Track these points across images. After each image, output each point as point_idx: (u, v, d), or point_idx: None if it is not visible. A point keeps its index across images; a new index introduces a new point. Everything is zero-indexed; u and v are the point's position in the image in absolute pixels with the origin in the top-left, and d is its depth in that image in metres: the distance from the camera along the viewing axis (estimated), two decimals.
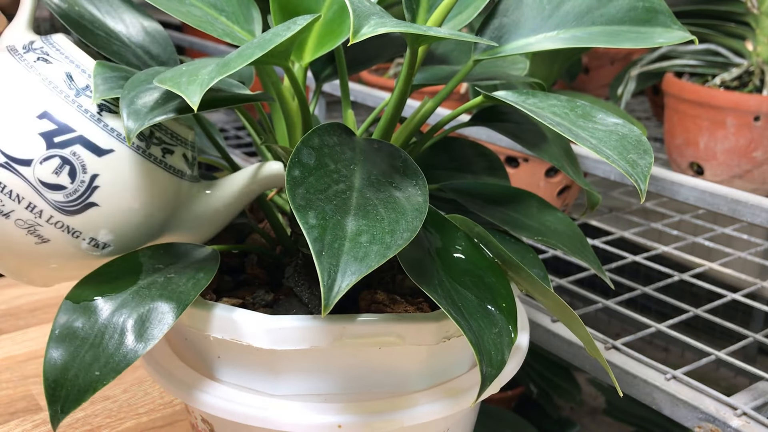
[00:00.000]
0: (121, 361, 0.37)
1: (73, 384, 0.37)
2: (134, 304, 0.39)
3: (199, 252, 0.44)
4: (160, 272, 0.41)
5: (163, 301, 0.39)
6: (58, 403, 0.37)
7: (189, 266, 0.42)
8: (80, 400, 0.36)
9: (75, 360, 0.37)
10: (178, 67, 0.38)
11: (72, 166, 0.40)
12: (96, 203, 0.41)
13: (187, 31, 1.32)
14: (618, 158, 0.37)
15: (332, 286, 0.32)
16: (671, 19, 0.43)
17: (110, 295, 0.39)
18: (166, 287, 0.40)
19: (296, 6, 0.44)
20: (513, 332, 0.38)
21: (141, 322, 0.38)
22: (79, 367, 0.37)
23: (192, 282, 0.40)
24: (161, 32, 0.50)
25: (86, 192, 0.40)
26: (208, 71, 0.34)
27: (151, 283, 0.40)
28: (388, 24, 0.33)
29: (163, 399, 0.61)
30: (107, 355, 0.37)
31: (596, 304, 0.69)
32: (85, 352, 0.37)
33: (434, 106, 0.46)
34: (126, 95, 0.38)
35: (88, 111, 0.40)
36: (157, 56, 0.49)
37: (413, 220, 0.35)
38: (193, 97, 0.33)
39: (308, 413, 0.41)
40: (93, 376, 0.37)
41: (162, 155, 0.43)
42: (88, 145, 0.40)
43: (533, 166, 0.80)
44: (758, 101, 0.68)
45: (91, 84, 0.41)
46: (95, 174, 0.40)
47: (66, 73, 0.41)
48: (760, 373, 0.59)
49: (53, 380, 0.37)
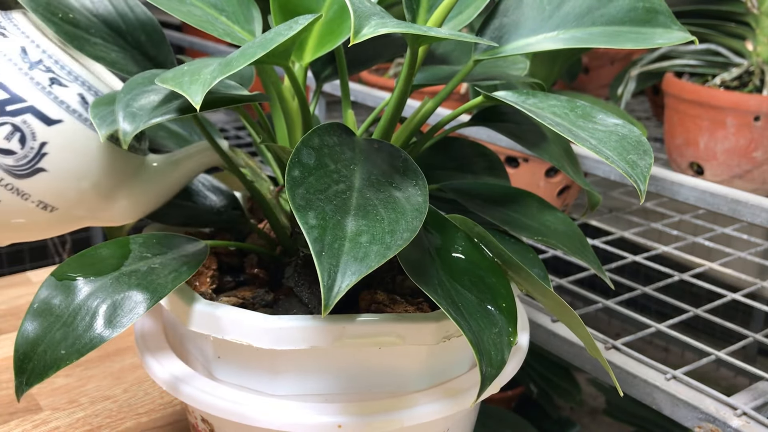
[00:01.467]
0: (86, 344, 0.38)
1: (41, 359, 0.38)
2: (111, 290, 0.40)
3: (191, 246, 0.44)
4: (145, 261, 0.42)
5: (139, 291, 0.40)
6: (24, 375, 0.38)
7: (176, 259, 0.42)
8: (44, 375, 0.38)
9: (46, 336, 0.38)
10: (179, 67, 0.38)
11: (22, 133, 0.42)
12: (44, 168, 0.43)
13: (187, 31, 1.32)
14: (618, 159, 0.37)
15: (332, 286, 0.32)
16: (671, 20, 0.43)
17: (91, 277, 0.40)
18: (145, 277, 0.40)
19: (296, 6, 0.44)
20: (513, 332, 0.38)
21: (113, 309, 0.39)
22: (48, 343, 0.38)
23: (173, 275, 0.41)
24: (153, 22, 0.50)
25: (35, 158, 0.43)
26: (210, 71, 0.34)
27: (133, 271, 0.41)
28: (388, 24, 0.33)
29: (163, 399, 0.61)
30: (75, 335, 0.38)
31: (596, 304, 0.69)
32: (56, 330, 0.38)
33: (434, 106, 0.46)
34: (122, 98, 0.38)
35: (40, 83, 0.43)
36: (155, 57, 0.49)
37: (413, 220, 0.35)
38: (196, 97, 0.33)
39: (308, 413, 0.41)
40: (59, 354, 0.38)
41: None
42: (39, 114, 0.43)
43: (533, 166, 0.80)
44: (758, 101, 0.68)
45: (44, 58, 0.44)
46: (44, 141, 0.43)
47: (21, 47, 0.44)
48: (760, 373, 0.59)
49: (23, 352, 0.38)
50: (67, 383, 0.63)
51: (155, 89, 0.39)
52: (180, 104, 0.38)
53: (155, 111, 0.38)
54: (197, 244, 0.44)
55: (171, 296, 0.44)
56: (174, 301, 0.44)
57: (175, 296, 0.43)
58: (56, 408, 0.60)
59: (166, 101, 0.38)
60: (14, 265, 1.66)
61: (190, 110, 0.38)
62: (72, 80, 0.45)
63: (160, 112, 0.38)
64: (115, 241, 0.43)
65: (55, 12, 0.45)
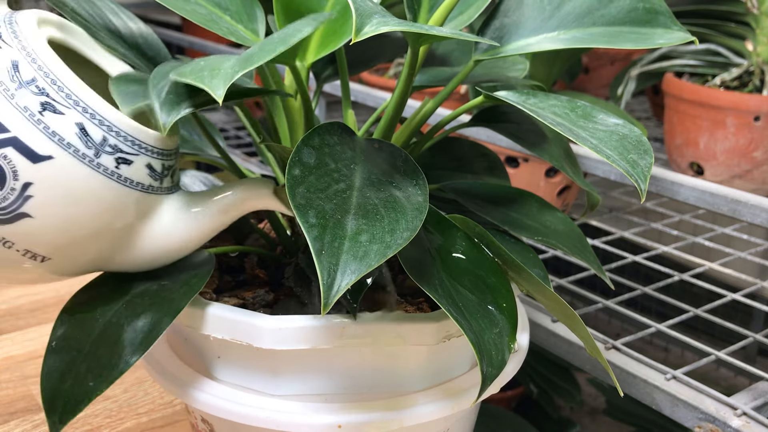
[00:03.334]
0: (113, 371, 0.37)
1: (69, 394, 0.37)
2: (126, 315, 0.39)
3: (195, 256, 0.44)
4: (154, 279, 0.41)
5: (155, 311, 0.39)
6: (56, 414, 0.37)
7: (183, 271, 0.42)
8: (76, 410, 0.36)
9: (71, 371, 0.37)
10: (195, 62, 0.37)
11: (1, 171, 0.35)
12: (29, 214, 0.36)
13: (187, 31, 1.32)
14: (618, 158, 0.37)
15: (332, 285, 0.32)
16: (671, 20, 0.43)
17: (104, 307, 0.40)
18: (158, 295, 0.40)
19: (299, 6, 0.44)
20: (512, 337, 0.38)
21: (133, 333, 0.38)
22: (74, 377, 0.37)
23: (184, 288, 0.40)
24: (151, 35, 0.49)
25: (17, 201, 0.35)
26: (231, 65, 0.34)
27: (143, 291, 0.40)
28: (390, 23, 0.33)
29: (163, 399, 0.61)
30: (101, 365, 0.37)
31: (596, 304, 0.69)
32: (80, 363, 0.37)
33: (435, 106, 0.46)
34: (156, 85, 0.37)
35: (28, 109, 0.35)
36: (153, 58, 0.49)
37: (413, 219, 0.35)
38: (218, 90, 0.33)
39: (308, 413, 0.41)
40: (87, 387, 0.37)
41: (115, 165, 0.37)
42: (23, 148, 0.35)
43: (533, 166, 0.80)
44: (758, 101, 0.68)
45: (38, 77, 0.36)
46: (28, 182, 0.35)
47: (12, 62, 0.36)
48: (760, 373, 0.59)
49: (50, 390, 0.37)
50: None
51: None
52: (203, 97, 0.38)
53: (186, 101, 0.37)
54: (200, 253, 0.44)
55: None
56: None
57: None
58: None
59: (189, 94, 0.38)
60: None
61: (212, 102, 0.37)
62: (71, 106, 0.36)
63: (190, 102, 0.37)
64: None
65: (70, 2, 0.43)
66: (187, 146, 0.53)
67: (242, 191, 0.42)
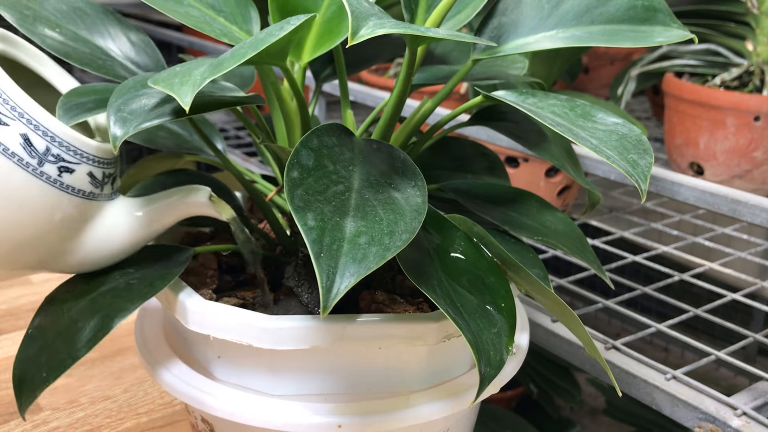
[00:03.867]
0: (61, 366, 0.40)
1: (31, 382, 0.40)
2: (87, 311, 0.41)
3: (177, 255, 0.45)
4: (126, 276, 0.43)
5: (110, 309, 0.40)
6: (21, 398, 0.41)
7: (156, 271, 0.43)
8: (32, 397, 0.40)
9: (35, 360, 0.41)
10: (172, 68, 0.38)
11: None
12: None
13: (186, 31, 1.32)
14: (618, 158, 0.37)
15: (331, 287, 0.32)
16: (670, 18, 0.43)
17: (73, 301, 0.42)
18: (119, 295, 0.41)
19: (294, 6, 0.44)
20: (510, 339, 0.38)
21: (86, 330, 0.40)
22: (36, 367, 0.41)
23: (147, 289, 0.41)
24: (149, 43, 0.50)
25: None
26: (201, 71, 0.34)
27: (110, 289, 0.42)
28: (386, 25, 0.33)
29: (163, 399, 0.61)
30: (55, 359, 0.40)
31: (596, 304, 0.69)
32: (43, 354, 0.41)
33: (434, 105, 0.46)
34: (113, 102, 0.38)
35: None
36: (146, 66, 0.49)
37: (412, 221, 0.35)
38: (185, 98, 0.33)
39: (308, 413, 0.41)
40: (41, 377, 0.40)
41: (58, 174, 0.39)
42: None
43: (533, 166, 0.80)
44: (758, 101, 0.68)
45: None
46: None
47: None
48: (760, 373, 0.59)
49: (18, 376, 0.41)
50: (67, 383, 0.63)
51: (147, 93, 0.39)
52: (175, 107, 0.38)
53: (147, 115, 0.37)
54: (184, 253, 0.45)
55: (171, 296, 0.44)
56: (174, 301, 0.44)
57: (175, 296, 0.43)
58: (56, 408, 0.60)
59: (160, 104, 0.38)
60: None
61: (184, 113, 0.38)
62: (15, 117, 0.37)
63: (152, 115, 0.37)
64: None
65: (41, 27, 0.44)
66: (187, 146, 0.53)
67: (179, 198, 0.44)
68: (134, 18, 1.50)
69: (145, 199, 0.44)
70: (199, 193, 0.44)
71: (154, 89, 0.39)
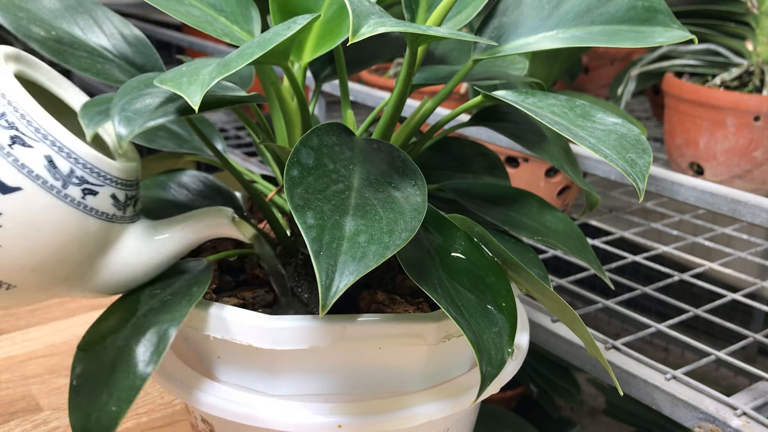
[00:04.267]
0: (132, 390, 0.38)
1: (98, 425, 0.38)
2: (134, 334, 0.39)
3: (195, 265, 0.44)
4: (156, 297, 0.42)
5: (160, 323, 0.39)
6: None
7: (184, 283, 0.42)
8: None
9: (95, 403, 0.38)
10: (178, 67, 0.38)
11: None
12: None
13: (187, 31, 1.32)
14: (617, 157, 0.37)
15: (330, 286, 0.32)
16: (671, 19, 0.43)
17: (113, 335, 0.40)
18: (161, 310, 0.40)
19: (295, 6, 0.44)
20: (510, 340, 0.38)
21: (143, 348, 0.39)
22: (99, 408, 0.38)
23: (187, 298, 0.41)
24: (143, 41, 0.49)
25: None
26: (209, 71, 0.34)
27: (148, 310, 0.41)
28: (387, 23, 0.33)
29: (163, 399, 0.61)
30: (119, 389, 0.38)
31: (596, 304, 0.69)
32: (101, 393, 0.38)
33: (434, 105, 0.46)
34: (117, 102, 0.38)
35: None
36: (142, 66, 0.49)
37: (412, 220, 0.35)
38: (194, 97, 0.33)
39: (308, 413, 0.41)
40: (111, 412, 0.37)
41: (82, 196, 0.39)
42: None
43: (533, 166, 0.80)
44: (758, 101, 0.68)
45: (7, 111, 0.38)
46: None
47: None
48: (760, 373, 0.59)
49: (80, 427, 0.38)
50: (68, 383, 0.63)
51: (151, 93, 0.39)
52: (179, 106, 0.38)
53: (152, 114, 0.37)
54: (199, 263, 0.44)
55: None
56: None
57: None
58: (56, 408, 0.60)
59: (164, 103, 0.38)
60: None
61: (189, 111, 0.38)
62: (39, 139, 0.38)
63: (156, 114, 0.37)
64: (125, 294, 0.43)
65: (37, 30, 0.44)
66: (187, 146, 0.53)
67: (201, 221, 0.44)
68: (134, 18, 1.50)
69: (166, 221, 0.44)
70: (222, 214, 0.44)
71: (157, 89, 0.39)
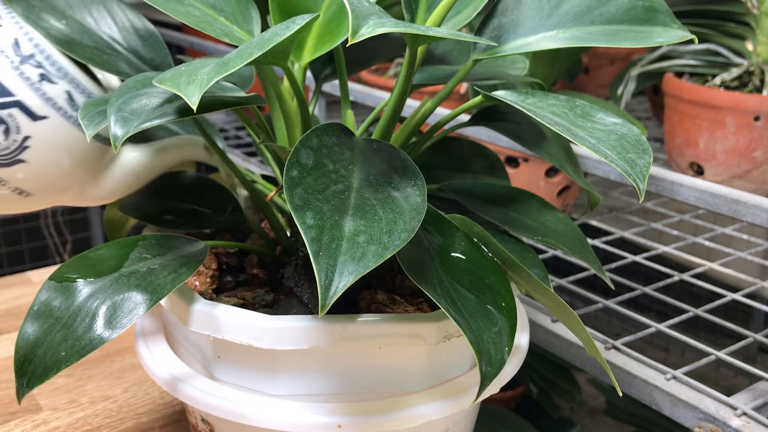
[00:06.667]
0: (86, 345, 0.38)
1: (41, 361, 0.38)
2: (110, 291, 0.40)
3: (191, 246, 0.44)
4: (144, 262, 0.42)
5: (138, 292, 0.39)
6: (24, 377, 0.38)
7: (175, 260, 0.42)
8: (44, 377, 0.37)
9: (46, 338, 0.38)
10: (177, 67, 0.38)
11: (7, 126, 0.44)
12: (24, 160, 0.45)
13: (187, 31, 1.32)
14: (617, 158, 0.37)
15: (329, 286, 0.32)
16: (671, 18, 0.43)
17: (90, 279, 0.40)
18: (145, 278, 0.40)
19: (295, 6, 0.44)
20: (512, 332, 0.38)
21: (113, 310, 0.39)
22: (48, 345, 0.38)
23: (173, 276, 0.41)
24: (155, 35, 0.51)
25: (17, 150, 0.45)
26: (207, 71, 0.34)
27: (132, 272, 0.41)
28: (386, 24, 0.33)
29: (163, 399, 0.61)
30: (75, 337, 0.38)
31: (596, 304, 0.69)
32: (56, 332, 0.38)
33: (434, 106, 0.46)
34: (114, 102, 0.38)
35: (29, 78, 0.45)
36: (150, 60, 0.49)
37: (411, 220, 0.35)
38: (193, 97, 0.33)
39: (308, 413, 0.41)
40: (59, 356, 0.38)
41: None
42: (25, 109, 0.44)
43: (533, 166, 0.80)
44: (758, 101, 0.68)
45: (35, 53, 0.45)
46: (27, 135, 0.45)
47: (14, 39, 0.45)
48: (760, 373, 0.59)
49: (23, 355, 0.38)
50: (67, 383, 0.63)
51: (148, 92, 0.39)
52: (177, 107, 0.38)
53: (149, 115, 0.38)
54: (196, 244, 0.44)
55: (171, 296, 0.44)
56: (174, 301, 0.44)
57: (175, 296, 0.43)
58: (56, 408, 0.60)
59: (162, 104, 0.38)
60: (14, 266, 1.66)
61: (187, 112, 0.38)
62: (61, 77, 0.46)
63: (154, 115, 0.37)
64: (115, 243, 0.43)
65: (47, 17, 0.46)
66: None
67: (179, 139, 0.53)
68: None
69: (151, 143, 0.52)
70: (197, 140, 0.53)
71: (154, 89, 0.39)
